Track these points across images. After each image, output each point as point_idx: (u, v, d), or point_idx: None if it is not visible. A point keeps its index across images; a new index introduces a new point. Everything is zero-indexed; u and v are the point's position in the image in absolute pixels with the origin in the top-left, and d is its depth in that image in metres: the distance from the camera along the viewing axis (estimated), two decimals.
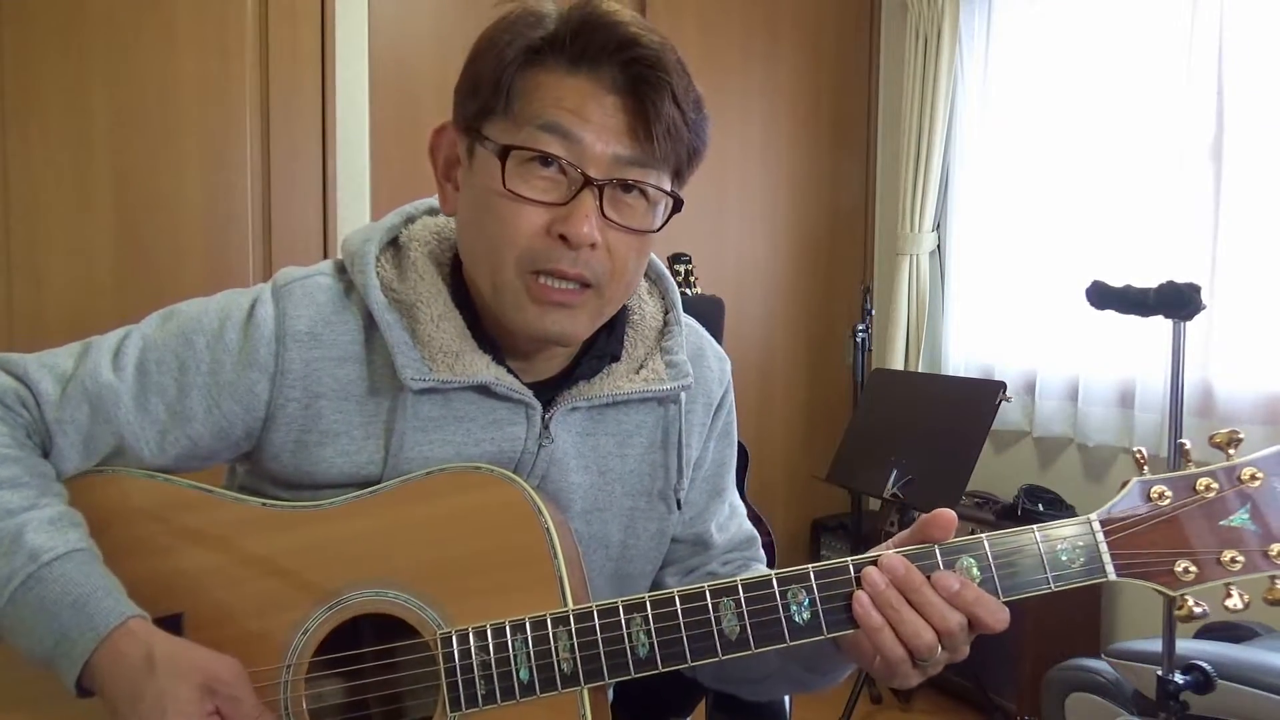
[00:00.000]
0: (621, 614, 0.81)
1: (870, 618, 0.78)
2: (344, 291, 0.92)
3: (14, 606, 0.78)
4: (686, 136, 0.85)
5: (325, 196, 2.74)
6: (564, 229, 0.81)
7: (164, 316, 0.92)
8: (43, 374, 0.87)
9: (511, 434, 0.92)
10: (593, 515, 0.97)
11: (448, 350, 0.88)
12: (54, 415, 0.86)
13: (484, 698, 0.81)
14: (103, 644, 0.77)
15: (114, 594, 0.79)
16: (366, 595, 0.84)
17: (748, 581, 0.81)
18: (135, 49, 2.48)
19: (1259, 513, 0.80)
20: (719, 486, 1.08)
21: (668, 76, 0.83)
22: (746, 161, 3.52)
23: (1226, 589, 0.79)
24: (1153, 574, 0.80)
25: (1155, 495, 0.81)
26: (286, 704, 0.82)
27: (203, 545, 0.86)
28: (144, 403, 0.87)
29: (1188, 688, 1.77)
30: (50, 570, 0.78)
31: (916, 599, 0.78)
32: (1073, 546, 0.80)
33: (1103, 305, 1.96)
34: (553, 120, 0.81)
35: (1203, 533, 0.80)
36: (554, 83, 0.82)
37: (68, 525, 0.82)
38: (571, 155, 0.82)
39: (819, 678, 0.94)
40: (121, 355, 0.88)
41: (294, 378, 0.88)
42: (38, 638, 0.78)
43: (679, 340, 0.99)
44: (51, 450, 0.87)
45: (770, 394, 3.62)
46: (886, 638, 0.78)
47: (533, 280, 0.83)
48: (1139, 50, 2.79)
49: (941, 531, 0.81)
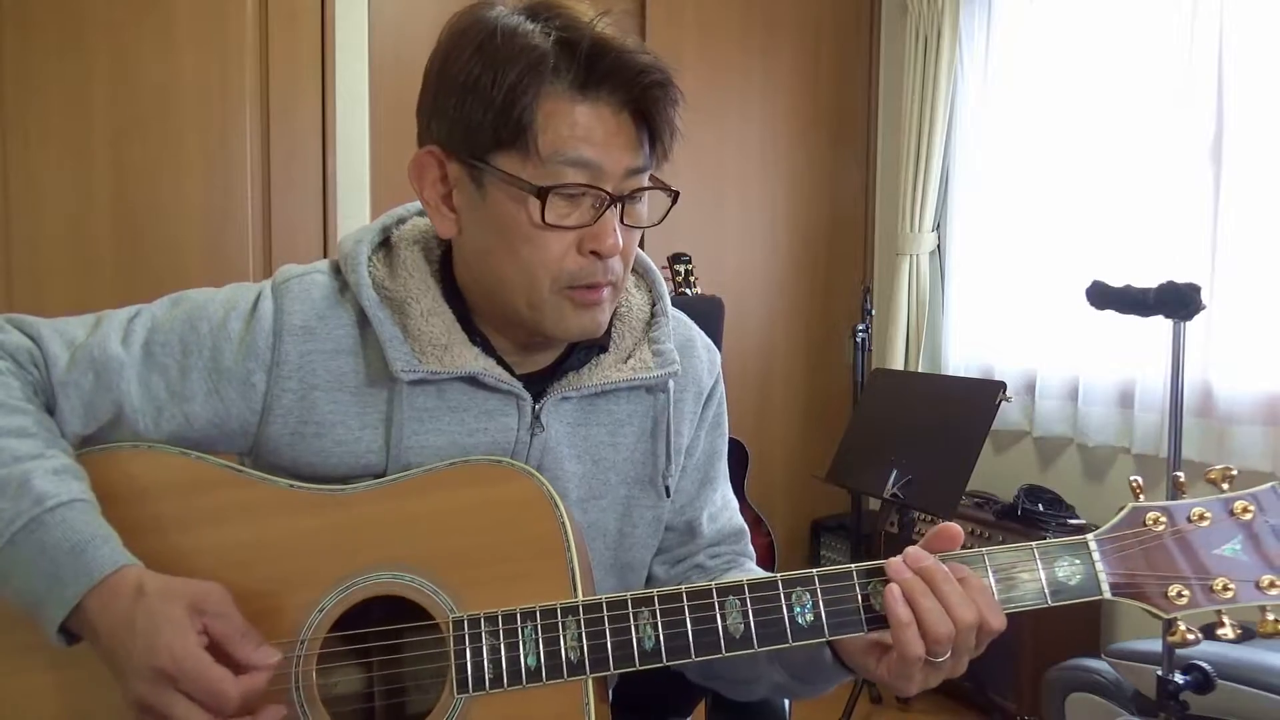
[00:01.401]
0: (630, 607, 0.83)
1: (899, 612, 0.80)
2: (339, 289, 0.95)
3: (13, 547, 0.81)
4: (679, 130, 0.90)
5: (325, 196, 2.74)
6: (595, 246, 0.87)
7: (173, 301, 0.96)
8: (54, 338, 0.91)
9: (504, 424, 0.95)
10: (589, 504, 1.00)
11: (437, 343, 0.92)
12: (60, 378, 0.90)
13: (491, 681, 0.83)
14: (95, 588, 0.79)
15: (111, 543, 0.82)
16: (382, 578, 0.86)
17: (754, 582, 0.84)
18: (135, 50, 2.48)
19: (1250, 545, 0.83)
20: (710, 475, 1.10)
21: (677, 94, 0.87)
22: (746, 161, 3.52)
23: (1219, 618, 0.82)
24: (1146, 595, 0.82)
25: (1151, 520, 0.84)
26: (297, 679, 0.84)
27: (227, 523, 0.89)
28: (146, 379, 0.91)
29: (1188, 688, 1.77)
30: (54, 515, 0.81)
31: (941, 590, 0.80)
32: (1070, 564, 0.83)
33: (1103, 305, 1.96)
34: (577, 155, 0.84)
35: (1196, 560, 0.83)
36: (565, 111, 0.84)
37: (71, 477, 0.85)
38: (593, 178, 0.86)
39: (806, 687, 0.96)
40: (130, 331, 0.92)
41: (289, 369, 0.92)
42: (30, 580, 0.80)
43: (666, 330, 1.02)
44: (55, 411, 0.90)
45: (770, 394, 3.62)
46: (911, 634, 0.79)
47: (569, 294, 0.89)
48: (1139, 50, 2.79)
49: (948, 544, 0.84)
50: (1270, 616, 0.81)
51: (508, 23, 0.85)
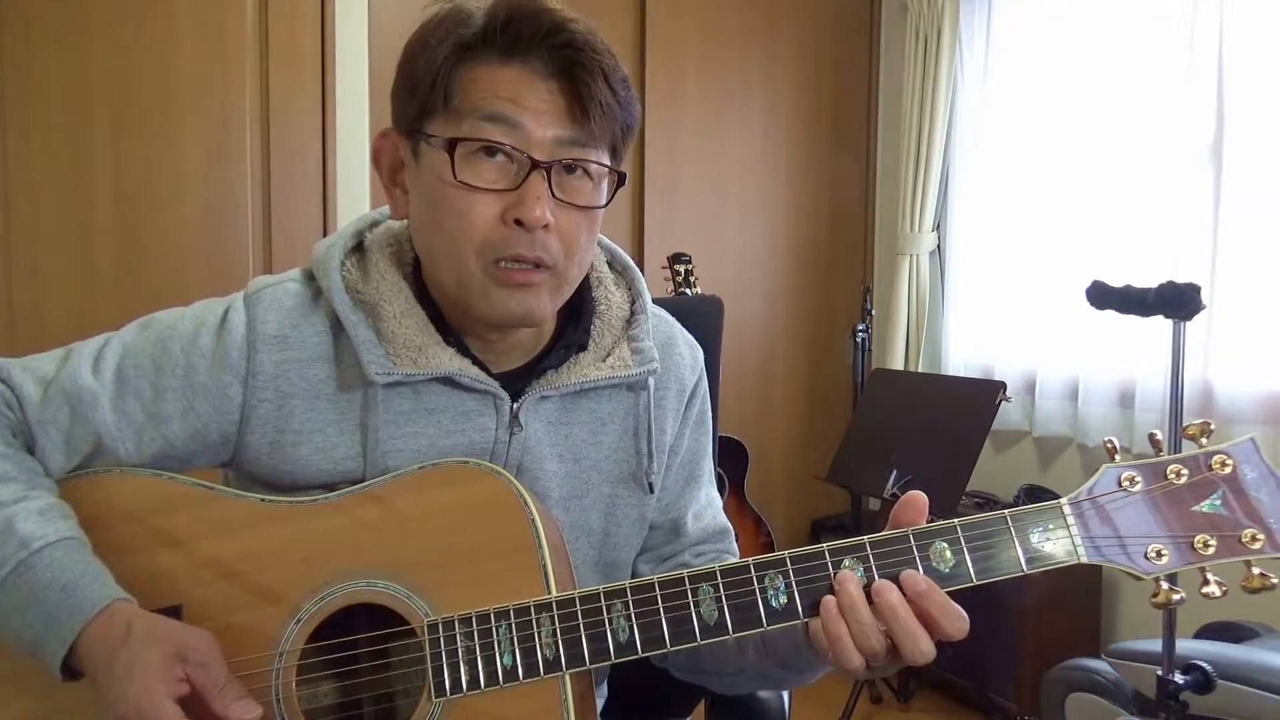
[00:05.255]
0: (603, 600, 0.83)
1: (829, 627, 0.79)
2: (312, 296, 0.96)
3: (4, 593, 0.81)
4: (619, 114, 0.88)
5: (325, 196, 2.73)
6: (518, 213, 0.85)
7: (142, 325, 0.96)
8: (25, 377, 0.91)
9: (481, 424, 0.95)
10: (572, 503, 1.00)
11: (411, 345, 0.92)
12: (36, 416, 0.90)
13: (468, 683, 0.82)
14: (88, 626, 0.79)
15: (101, 579, 0.82)
16: (357, 586, 0.86)
17: (726, 567, 0.83)
18: (135, 50, 2.48)
19: (1230, 499, 0.80)
20: (694, 474, 1.10)
21: (598, 57, 0.86)
22: (746, 161, 3.52)
23: (1203, 575, 0.80)
24: (1123, 557, 0.80)
25: (1126, 481, 0.82)
26: (278, 691, 0.84)
27: (202, 540, 0.89)
28: (121, 405, 0.91)
29: (1188, 688, 1.77)
30: (40, 557, 0.81)
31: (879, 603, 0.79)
32: (1044, 529, 0.81)
33: (1103, 305, 1.96)
34: (493, 110, 0.85)
35: (1173, 518, 0.81)
36: (489, 75, 0.85)
37: (57, 515, 0.85)
38: (515, 141, 0.85)
39: (793, 675, 0.95)
40: (101, 360, 0.92)
41: (265, 379, 0.92)
42: (27, 622, 0.80)
43: (645, 329, 1.02)
44: (36, 450, 0.90)
45: (770, 394, 3.62)
46: (843, 647, 0.79)
47: (495, 268, 0.87)
48: (1139, 50, 2.79)
49: (914, 514, 0.83)
50: (1256, 571, 0.78)
51: (456, 4, 0.88)
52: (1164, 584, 0.80)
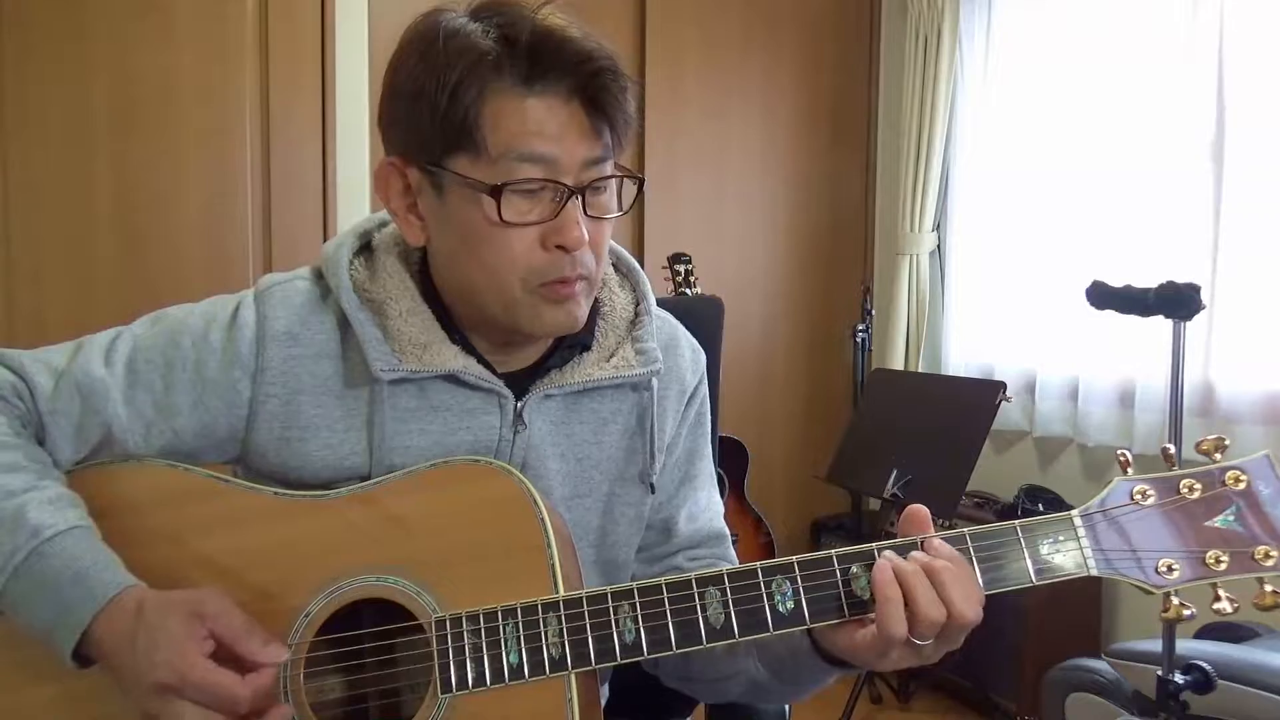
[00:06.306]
0: (609, 601, 0.83)
1: (886, 590, 0.78)
2: (320, 294, 0.96)
3: (16, 581, 0.81)
4: (634, 120, 0.90)
5: (325, 196, 2.74)
6: (560, 240, 0.86)
7: (153, 319, 0.97)
8: (37, 368, 0.92)
9: (486, 422, 0.96)
10: (573, 502, 1.00)
11: (416, 342, 0.93)
12: (47, 407, 0.91)
13: (474, 680, 0.83)
14: (101, 613, 0.80)
15: (112, 567, 0.83)
16: (367, 581, 0.87)
17: (733, 571, 0.83)
18: (135, 49, 2.48)
19: (1245, 515, 0.80)
20: (690, 474, 1.10)
21: (626, 81, 0.87)
22: (746, 161, 3.52)
23: (1215, 591, 0.79)
24: (1134, 571, 0.80)
25: (1138, 494, 0.82)
26: (286, 684, 0.84)
27: (214, 533, 0.89)
28: (131, 398, 0.92)
29: (1188, 688, 1.77)
30: (51, 545, 0.82)
31: (940, 577, 0.78)
32: (1054, 541, 0.81)
33: (1103, 305, 1.96)
34: (528, 150, 0.85)
35: (1186, 532, 0.80)
36: (516, 109, 0.84)
37: (67, 505, 0.85)
38: (550, 174, 0.86)
39: (785, 687, 0.95)
40: (113, 353, 0.93)
41: (274, 375, 0.93)
42: (39, 611, 0.81)
43: (649, 329, 1.02)
44: (46, 440, 0.91)
45: (770, 394, 3.62)
46: (894, 610, 0.77)
47: (540, 289, 0.89)
48: (1139, 50, 2.79)
49: (920, 527, 0.83)
50: (1268, 589, 0.78)
51: (450, 26, 0.86)
52: (1174, 599, 0.79)
